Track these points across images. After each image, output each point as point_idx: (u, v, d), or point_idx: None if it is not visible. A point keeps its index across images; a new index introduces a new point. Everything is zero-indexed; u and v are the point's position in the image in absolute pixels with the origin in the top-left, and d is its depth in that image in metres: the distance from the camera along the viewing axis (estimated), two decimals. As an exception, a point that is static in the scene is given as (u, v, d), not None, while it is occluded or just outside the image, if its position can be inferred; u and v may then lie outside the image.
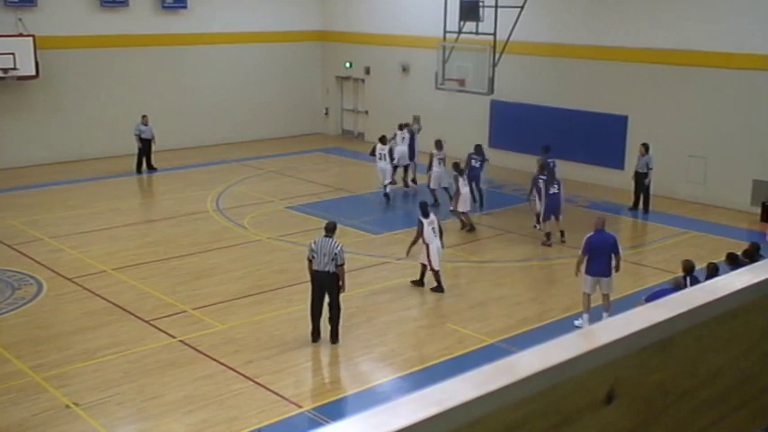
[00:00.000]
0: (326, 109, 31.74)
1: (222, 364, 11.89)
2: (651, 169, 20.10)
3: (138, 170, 24.21)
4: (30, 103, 25.11)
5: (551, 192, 17.50)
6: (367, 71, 30.03)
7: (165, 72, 27.61)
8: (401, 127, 22.91)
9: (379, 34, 28.80)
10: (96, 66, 26.09)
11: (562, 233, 17.62)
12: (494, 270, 16.38)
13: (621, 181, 22.43)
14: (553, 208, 17.47)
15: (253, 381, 11.37)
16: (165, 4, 27.26)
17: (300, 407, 10.67)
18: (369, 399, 10.92)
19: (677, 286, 11.30)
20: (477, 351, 12.34)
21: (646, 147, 20.29)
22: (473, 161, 20.72)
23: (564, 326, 12.87)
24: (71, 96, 25.73)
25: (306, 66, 31.01)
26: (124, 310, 13.94)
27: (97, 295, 14.62)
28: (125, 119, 26.49)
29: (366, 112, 30.62)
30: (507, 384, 1.09)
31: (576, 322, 13.00)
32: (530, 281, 15.90)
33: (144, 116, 24.29)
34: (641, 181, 20.25)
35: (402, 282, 15.52)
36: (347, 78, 31.04)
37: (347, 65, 30.59)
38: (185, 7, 27.68)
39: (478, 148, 21.28)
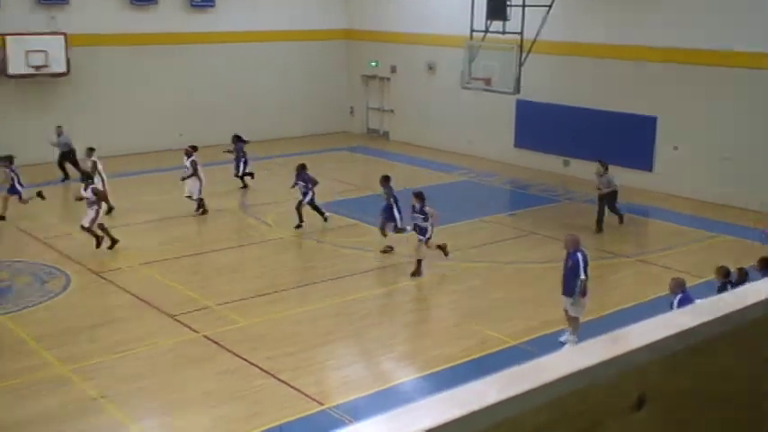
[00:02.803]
0: (352, 107, 31.78)
1: (245, 359, 11.94)
2: (614, 189, 18.51)
3: (64, 178, 22.94)
4: (60, 99, 25.39)
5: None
6: (393, 70, 30.02)
7: (193, 70, 27.79)
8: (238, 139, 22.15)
9: (406, 33, 28.78)
10: (125, 63, 26.32)
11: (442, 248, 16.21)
12: (517, 271, 16.31)
13: (650, 183, 22.28)
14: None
15: (275, 377, 11.41)
16: (194, 3, 27.45)
17: (322, 404, 10.69)
18: (390, 398, 10.91)
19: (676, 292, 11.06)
20: (500, 352, 12.29)
21: (605, 165, 18.53)
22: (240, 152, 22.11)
23: (587, 329, 12.74)
24: (101, 93, 25.98)
25: (332, 64, 31.06)
26: (149, 304, 14.05)
27: (123, 289, 14.75)
28: (153, 116, 26.77)
29: (391, 111, 30.62)
30: (534, 387, 1.09)
31: (563, 338, 12.67)
32: (553, 283, 15.77)
33: (58, 127, 23.12)
34: (608, 201, 18.50)
35: (425, 281, 15.51)
36: (373, 77, 31.06)
37: (373, 63, 30.61)
38: (213, 5, 27.86)
39: (237, 138, 22.39)
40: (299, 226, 18.32)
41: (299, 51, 30.10)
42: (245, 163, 22.21)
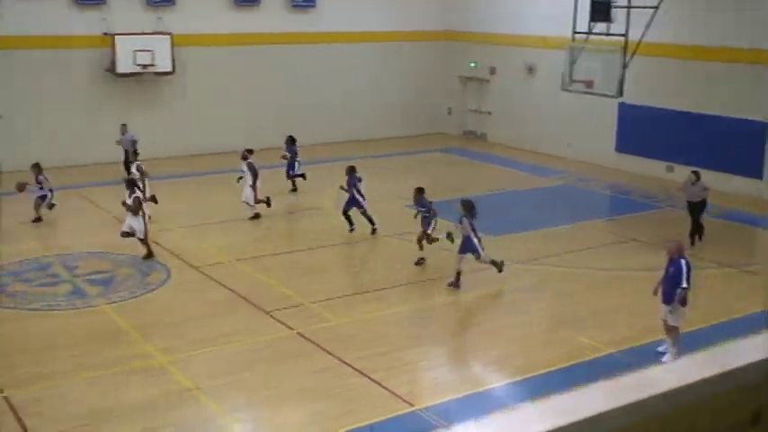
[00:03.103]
0: (449, 109, 31.70)
1: (338, 358, 12.03)
2: (707, 189, 17.65)
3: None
4: (165, 97, 26.21)
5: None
6: (492, 71, 29.81)
7: (292, 70, 28.24)
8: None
9: (506, 34, 28.53)
10: (227, 63, 26.97)
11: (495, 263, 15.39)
12: (615, 278, 15.93)
13: (759, 190, 21.43)
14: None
15: (367, 376, 11.44)
16: (295, 3, 27.89)
17: (413, 405, 10.67)
18: (482, 402, 10.82)
19: None
20: (594, 361, 12.02)
21: (697, 174, 17.60)
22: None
23: (688, 341, 12.35)
24: (203, 92, 26.68)
25: (430, 65, 31.05)
26: (245, 300, 14.32)
27: (221, 284, 15.08)
28: (253, 115, 27.34)
29: (489, 113, 30.40)
30: (645, 398, 1.03)
31: (662, 348, 12.25)
32: (652, 291, 15.36)
33: (123, 125, 23.10)
34: (698, 210, 17.62)
35: (519, 285, 15.32)
36: (471, 78, 30.90)
37: (472, 65, 30.46)
38: (314, 6, 28.24)
39: (291, 139, 22.07)
40: (373, 230, 17.97)
41: (398, 52, 30.21)
42: (299, 164, 22.06)
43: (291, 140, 22.15)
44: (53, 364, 11.78)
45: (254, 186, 19.01)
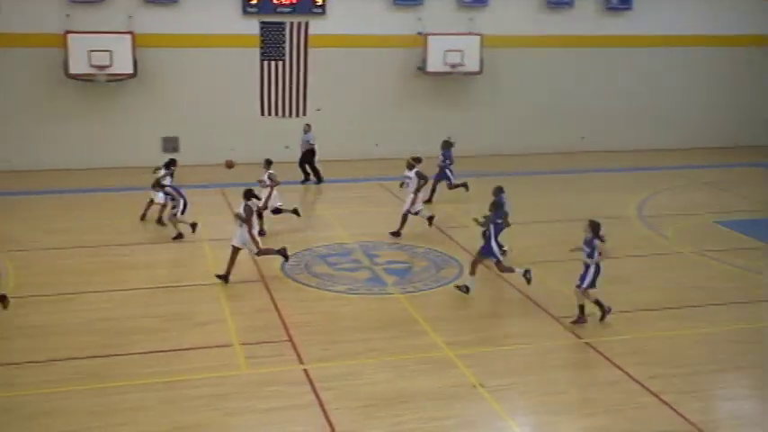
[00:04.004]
0: (773, 120, 29.18)
1: (626, 373, 11.47)
2: None
3: (305, 179, 22.90)
4: (471, 96, 26.70)
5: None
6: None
7: (600, 73, 27.55)
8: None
9: None
10: (535, 64, 26.88)
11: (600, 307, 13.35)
12: None
13: None
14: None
15: (657, 396, 10.79)
16: (610, 5, 27.12)
17: (707, 435, 9.88)
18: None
19: None
20: None
21: None
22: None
23: None
24: (508, 93, 26.83)
25: (754, 72, 28.72)
26: (535, 303, 14.14)
27: (512, 285, 15.02)
28: (556, 118, 27.05)
29: (820, 126, 27.54)
30: None
31: None
32: None
33: (306, 124, 22.58)
34: None
35: None
36: (803, 87, 28.19)
37: (804, 72, 27.76)
38: (630, 9, 27.26)
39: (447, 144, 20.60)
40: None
41: (717, 56, 28.39)
42: (451, 172, 20.57)
43: (447, 145, 20.68)
44: (349, 344, 12.40)
45: (415, 195, 17.79)
